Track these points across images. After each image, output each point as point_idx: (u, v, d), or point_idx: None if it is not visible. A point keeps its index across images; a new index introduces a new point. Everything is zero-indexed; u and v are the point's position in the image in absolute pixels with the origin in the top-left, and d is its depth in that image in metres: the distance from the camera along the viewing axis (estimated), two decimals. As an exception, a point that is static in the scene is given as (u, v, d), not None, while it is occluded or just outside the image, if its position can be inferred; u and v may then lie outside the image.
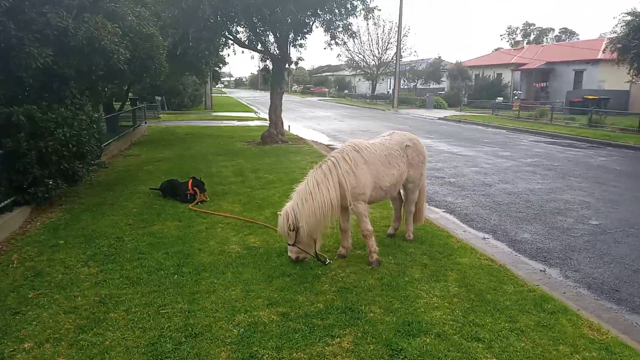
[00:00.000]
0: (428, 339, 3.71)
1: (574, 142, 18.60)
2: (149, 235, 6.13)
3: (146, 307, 4.25)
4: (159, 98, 27.32)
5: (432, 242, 6.03)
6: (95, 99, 10.88)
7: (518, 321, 4.03)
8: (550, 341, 3.75)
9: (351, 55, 52.90)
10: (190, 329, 3.89)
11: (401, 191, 6.06)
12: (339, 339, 3.73)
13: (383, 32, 49.81)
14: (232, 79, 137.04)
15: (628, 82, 26.50)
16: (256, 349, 3.61)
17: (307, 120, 26.85)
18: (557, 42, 72.11)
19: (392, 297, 4.41)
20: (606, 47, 23.23)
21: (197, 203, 7.66)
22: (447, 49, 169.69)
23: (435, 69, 50.86)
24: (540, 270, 5.55)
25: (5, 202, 6.47)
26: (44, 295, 4.49)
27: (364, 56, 53.11)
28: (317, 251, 5.21)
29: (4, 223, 6.19)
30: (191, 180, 7.90)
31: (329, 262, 5.24)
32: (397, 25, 40.31)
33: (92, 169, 8.72)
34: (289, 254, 5.20)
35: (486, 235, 6.77)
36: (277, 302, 4.34)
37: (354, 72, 61.93)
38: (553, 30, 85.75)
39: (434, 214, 7.66)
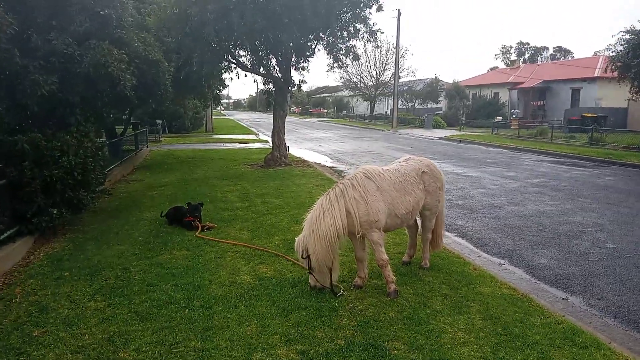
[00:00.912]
0: (459, 379, 3.52)
1: (578, 160, 18.53)
2: (156, 266, 5.94)
3: (157, 345, 4.05)
4: (160, 121, 27.31)
5: (449, 269, 5.85)
6: (100, 125, 10.80)
7: (551, 357, 3.84)
8: (587, 380, 3.55)
9: (349, 76, 53.38)
10: (205, 370, 3.68)
11: (417, 218, 5.90)
12: (364, 379, 3.53)
13: (381, 53, 50.40)
14: (231, 100, 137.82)
15: (627, 99, 26.63)
16: (277, 392, 3.41)
17: (308, 142, 26.82)
18: (552, 60, 73.05)
19: (416, 332, 4.22)
20: (606, 65, 23.34)
21: (203, 230, 7.49)
22: (444, 68, 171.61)
23: (432, 88, 51.20)
24: (563, 299, 5.36)
25: (9, 232, 6.30)
26: (49, 333, 4.29)
27: (361, 77, 53.60)
28: (334, 281, 5.04)
29: (6, 255, 6.01)
30: (188, 207, 7.73)
31: (342, 294, 5.03)
32: (395, 46, 40.76)
33: (95, 196, 8.55)
34: (309, 280, 5.12)
35: (502, 261, 6.59)
36: (295, 338, 4.14)
37: (352, 93, 62.40)
38: (547, 48, 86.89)
39: (446, 239, 7.45)
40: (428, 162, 5.75)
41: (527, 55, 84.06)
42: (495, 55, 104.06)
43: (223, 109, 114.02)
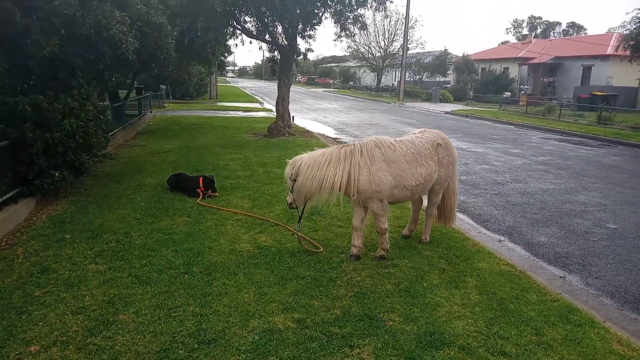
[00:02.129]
0: (452, 352, 3.56)
1: (584, 139, 18.35)
2: (157, 232, 5.98)
3: (156, 309, 4.11)
4: (164, 87, 27.08)
5: (448, 244, 5.86)
6: (102, 89, 10.69)
7: (544, 334, 3.87)
8: (580, 357, 3.59)
9: (357, 46, 52.49)
10: (203, 334, 3.74)
11: None
12: (358, 349, 3.58)
13: (390, 23, 49.38)
14: (236, 68, 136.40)
15: (638, 79, 26.14)
16: (272, 358, 3.46)
17: (313, 112, 26.61)
18: (564, 36, 71.47)
19: (411, 305, 4.25)
20: (619, 43, 22.82)
21: (204, 197, 7.50)
22: (453, 41, 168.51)
23: (441, 61, 50.36)
24: (561, 277, 5.38)
25: (10, 193, 6.32)
26: (50, 294, 4.34)
27: (369, 47, 52.70)
28: (304, 211, 5.41)
29: (8, 215, 6.04)
30: (202, 179, 7.73)
31: (321, 250, 5.43)
32: (404, 16, 39.89)
33: (98, 160, 8.54)
34: (287, 198, 5.38)
35: (501, 238, 6.60)
36: (292, 307, 4.18)
37: (359, 64, 61.49)
38: (560, 24, 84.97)
39: (447, 214, 7.48)
40: (443, 135, 5.68)
41: (539, 30, 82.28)
42: (507, 29, 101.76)
43: (234, 76, 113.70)
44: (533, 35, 68.03)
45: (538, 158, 13.14)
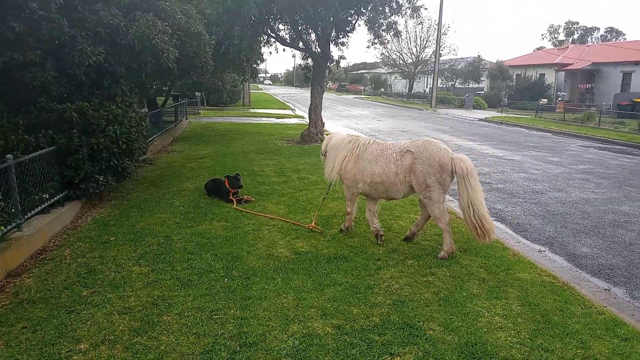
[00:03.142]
0: (495, 363, 3.50)
1: (626, 148, 17.73)
2: (197, 235, 6.11)
3: (199, 311, 4.20)
4: (199, 94, 27.66)
5: (487, 254, 5.77)
6: (143, 96, 11.01)
7: (590, 348, 3.76)
8: (629, 372, 3.48)
9: (388, 52, 52.36)
10: (244, 337, 3.80)
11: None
12: (398, 357, 3.57)
13: (422, 29, 49.10)
14: (268, 75, 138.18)
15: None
16: (313, 363, 3.49)
17: (344, 119, 26.65)
18: (602, 41, 69.34)
19: (451, 314, 4.21)
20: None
21: (241, 203, 7.62)
22: (487, 47, 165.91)
23: (474, 68, 49.72)
24: (605, 289, 5.21)
25: (58, 196, 6.58)
26: (97, 294, 4.50)
27: (401, 54, 52.49)
28: (330, 181, 6.47)
29: (56, 217, 6.29)
30: (226, 180, 7.88)
31: (321, 232, 6.32)
32: (437, 23, 39.58)
33: (138, 165, 8.81)
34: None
35: (542, 248, 6.45)
36: (331, 313, 4.20)
37: (390, 70, 61.29)
38: (598, 29, 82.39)
39: (484, 223, 7.36)
40: (422, 145, 5.55)
41: (576, 36, 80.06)
42: (542, 34, 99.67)
43: (271, 83, 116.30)
44: (570, 40, 66.32)
45: (578, 166, 12.78)
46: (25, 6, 6.34)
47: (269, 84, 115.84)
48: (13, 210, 5.43)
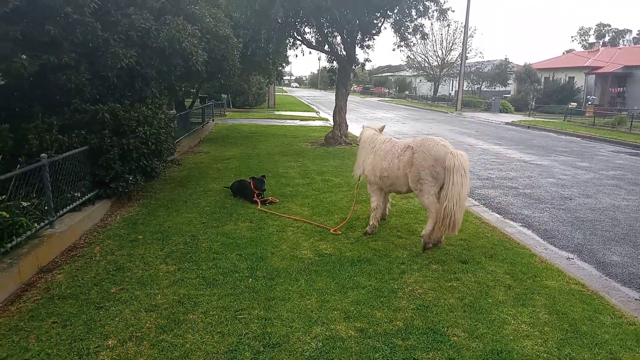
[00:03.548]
0: (521, 372, 3.45)
1: (660, 154, 17.18)
2: (222, 235, 6.20)
3: (223, 310, 4.26)
4: (225, 96, 28.01)
5: (513, 260, 5.68)
6: (172, 98, 11.22)
7: (620, 359, 3.67)
8: (661, 385, 3.38)
9: (414, 55, 52.04)
10: (268, 337, 3.84)
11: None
12: (422, 362, 3.55)
13: (448, 32, 48.65)
14: (293, 77, 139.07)
15: None
16: (336, 366, 3.50)
17: (369, 122, 26.58)
18: (635, 44, 67.33)
19: (476, 320, 4.16)
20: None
21: (265, 204, 7.69)
22: (514, 50, 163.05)
23: (501, 71, 48.89)
24: (636, 299, 5.06)
25: (89, 195, 6.77)
26: (125, 291, 4.61)
27: (426, 56, 52.09)
28: (358, 177, 7.00)
29: (87, 215, 6.47)
30: (252, 181, 7.97)
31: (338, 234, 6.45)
32: (463, 25, 39.13)
33: (166, 165, 8.98)
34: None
35: (570, 255, 6.31)
36: (354, 316, 4.21)
37: (415, 73, 60.90)
38: (630, 31, 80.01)
39: (510, 228, 7.26)
40: (420, 141, 5.94)
41: (607, 38, 77.94)
42: (572, 37, 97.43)
43: (298, 85, 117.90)
44: (600, 43, 64.57)
45: (608, 172, 12.45)
46: (60, 10, 6.54)
47: (296, 87, 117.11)
48: (46, 207, 5.61)
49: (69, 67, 6.76)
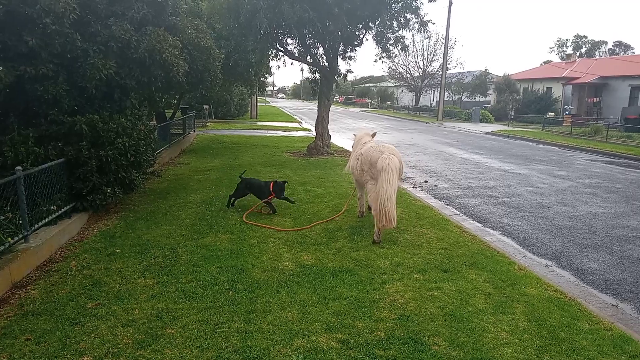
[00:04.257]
0: (501, 380, 3.46)
1: (634, 162, 17.61)
2: (202, 248, 6.13)
3: (203, 324, 4.20)
4: (207, 107, 27.89)
5: (493, 268, 5.73)
6: (152, 109, 11.12)
7: (598, 365, 3.72)
8: (638, 391, 3.42)
9: (395, 66, 52.62)
10: (248, 351, 3.79)
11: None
12: (403, 373, 3.54)
13: (429, 43, 49.34)
14: (275, 88, 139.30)
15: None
16: (317, 378, 3.47)
17: (351, 132, 26.63)
18: (610, 55, 69.25)
19: (457, 329, 4.17)
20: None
21: (269, 204, 7.89)
22: (494, 61, 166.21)
23: (481, 81, 49.70)
24: (613, 305, 5.15)
25: (65, 208, 6.64)
26: (102, 306, 4.51)
27: (408, 67, 52.71)
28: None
29: (63, 229, 6.34)
30: (272, 184, 7.92)
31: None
32: (444, 37, 39.79)
33: (146, 177, 8.88)
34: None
35: (549, 263, 6.39)
36: (336, 327, 4.18)
37: (397, 84, 61.51)
38: (606, 43, 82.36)
39: (490, 236, 7.34)
40: (366, 148, 7.12)
41: (584, 49, 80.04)
42: (550, 48, 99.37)
43: (284, 97, 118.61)
44: (577, 54, 66.18)
45: (585, 181, 12.70)
46: (39, 21, 6.47)
47: (282, 97, 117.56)
48: (20, 221, 5.48)
49: (47, 78, 6.67)
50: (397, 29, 14.11)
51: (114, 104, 7.71)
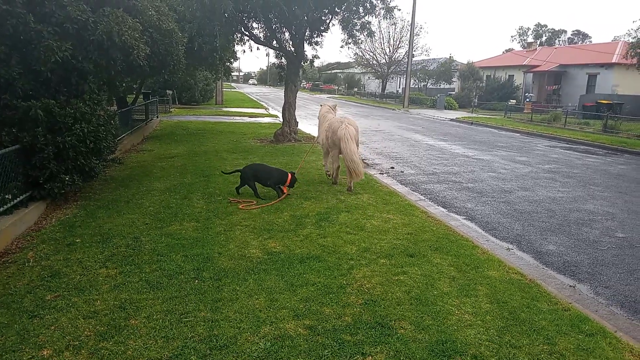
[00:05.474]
0: (464, 361, 3.55)
1: (590, 148, 18.33)
2: (167, 236, 6.00)
3: (168, 314, 4.12)
4: (170, 92, 27.22)
5: (457, 252, 5.86)
6: (112, 94, 10.73)
7: (556, 344, 3.86)
8: (592, 367, 3.58)
9: (362, 52, 52.65)
10: (214, 340, 3.74)
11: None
12: (370, 357, 3.58)
13: (395, 30, 49.55)
14: (241, 73, 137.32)
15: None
16: (285, 365, 3.47)
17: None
18: (569, 44, 71.47)
19: (423, 313, 4.25)
20: (626, 51, 22.83)
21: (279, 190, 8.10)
22: (458, 48, 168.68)
23: (446, 68, 50.48)
24: (570, 286, 5.36)
25: (21, 197, 6.36)
26: (61, 298, 4.36)
27: (374, 54, 52.84)
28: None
29: (19, 219, 6.08)
30: (290, 175, 8.08)
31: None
32: (410, 24, 40.02)
33: (107, 164, 8.60)
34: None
35: (510, 246, 6.59)
36: (303, 313, 4.19)
37: (363, 70, 61.67)
38: (565, 32, 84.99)
39: (454, 221, 7.49)
40: (332, 119, 9.18)
41: (544, 38, 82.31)
42: (512, 36, 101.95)
43: (255, 83, 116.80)
44: (538, 43, 68.04)
45: (544, 166, 13.13)
46: (-13, 1, 6.10)
47: (253, 84, 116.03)
48: (-28, 211, 5.21)
49: (-2, 61, 6.32)
50: (363, 14, 14.08)
51: (72, 88, 7.39)
